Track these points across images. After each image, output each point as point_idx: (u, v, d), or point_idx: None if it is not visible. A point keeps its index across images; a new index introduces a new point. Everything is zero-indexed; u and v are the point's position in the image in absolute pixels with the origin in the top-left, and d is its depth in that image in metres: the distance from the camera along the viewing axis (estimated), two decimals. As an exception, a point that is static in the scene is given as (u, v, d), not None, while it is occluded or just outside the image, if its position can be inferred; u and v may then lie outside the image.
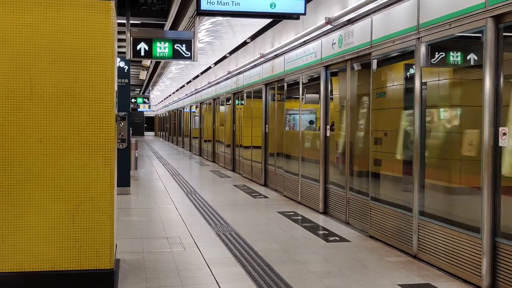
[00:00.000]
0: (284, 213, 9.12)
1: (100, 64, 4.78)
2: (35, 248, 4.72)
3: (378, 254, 6.36)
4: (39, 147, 4.69)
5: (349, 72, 8.18)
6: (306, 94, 10.13)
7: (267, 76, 12.64)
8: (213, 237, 7.21)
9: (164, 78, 27.90)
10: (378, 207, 7.03)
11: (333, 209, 8.78)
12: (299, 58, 10.18)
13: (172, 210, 9.46)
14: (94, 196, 4.78)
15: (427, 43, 6.02)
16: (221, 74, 18.49)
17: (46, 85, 4.70)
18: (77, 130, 4.75)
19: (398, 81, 7.07)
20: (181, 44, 9.23)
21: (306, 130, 10.23)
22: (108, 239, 4.83)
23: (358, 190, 7.99)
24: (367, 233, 7.37)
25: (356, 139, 8.17)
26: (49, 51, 4.70)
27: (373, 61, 7.18)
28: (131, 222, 8.21)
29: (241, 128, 15.77)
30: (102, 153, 4.79)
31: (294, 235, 7.44)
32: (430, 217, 5.97)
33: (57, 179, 4.72)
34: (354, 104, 8.20)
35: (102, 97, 4.79)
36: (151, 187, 12.84)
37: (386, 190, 7.13)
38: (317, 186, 9.27)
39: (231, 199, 11.14)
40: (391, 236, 6.70)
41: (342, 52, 8.21)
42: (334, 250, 6.57)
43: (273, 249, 6.59)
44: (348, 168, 8.22)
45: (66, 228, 4.76)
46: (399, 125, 6.93)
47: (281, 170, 11.56)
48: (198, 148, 25.02)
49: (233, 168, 17.13)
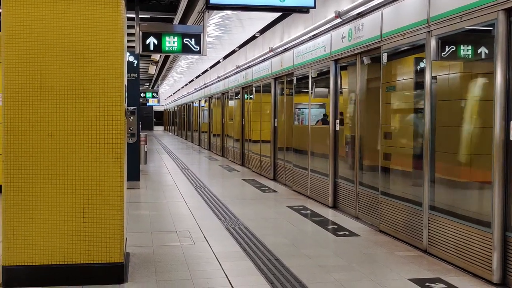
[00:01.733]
0: (293, 207, 9.12)
1: (109, 58, 4.79)
2: (46, 242, 4.75)
3: (388, 249, 6.34)
4: (50, 141, 4.72)
5: (359, 66, 8.14)
6: (315, 88, 10.10)
7: (276, 70, 12.62)
8: (222, 231, 7.23)
9: (173, 72, 27.92)
10: (388, 202, 7.02)
11: (343, 204, 8.77)
12: (308, 52, 10.15)
13: (181, 204, 9.49)
14: (104, 190, 4.80)
15: (437, 37, 5.98)
16: (230, 68, 18.48)
17: (56, 79, 4.71)
18: (87, 124, 4.77)
19: (408, 75, 7.03)
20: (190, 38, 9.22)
21: (315, 125, 10.21)
22: (118, 232, 4.85)
23: (367, 185, 7.97)
24: (376, 228, 7.36)
25: (366, 133, 8.14)
26: (59, 46, 4.72)
27: (383, 54, 7.15)
28: (141, 216, 8.24)
29: (250, 122, 15.77)
30: (112, 147, 4.81)
31: (304, 229, 7.43)
32: (440, 212, 5.94)
33: (67, 173, 4.74)
34: (363, 98, 8.17)
35: (111, 91, 4.80)
36: (160, 181, 12.87)
37: (396, 185, 7.11)
38: (327, 180, 9.26)
39: (240, 193, 11.14)
40: (401, 231, 6.68)
41: (351, 46, 8.18)
42: (344, 245, 6.56)
43: (282, 243, 6.59)
44: (358, 162, 8.20)
45: (77, 222, 4.78)
46: (409, 119, 6.90)
47: (290, 164, 11.55)
48: (207, 143, 25.04)
49: (242, 163, 17.14)
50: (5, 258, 4.74)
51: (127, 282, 4.96)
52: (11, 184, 4.69)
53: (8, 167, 4.68)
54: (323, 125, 9.80)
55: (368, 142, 8.13)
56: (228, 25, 13.39)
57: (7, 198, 4.70)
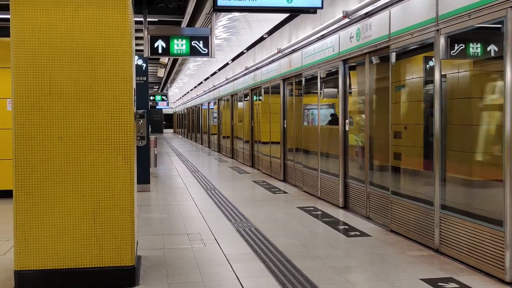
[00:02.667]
0: (303, 208, 9.10)
1: (118, 62, 4.81)
2: (57, 246, 4.77)
3: (399, 249, 6.32)
4: (59, 146, 4.74)
5: (368, 65, 8.12)
6: (324, 88, 10.08)
7: (284, 71, 12.61)
8: (233, 233, 7.23)
9: (182, 75, 27.98)
10: (399, 201, 6.99)
11: (353, 204, 8.75)
12: (316, 52, 10.14)
13: (192, 206, 9.50)
14: (115, 194, 4.81)
15: (446, 35, 5.95)
16: (239, 70, 18.49)
17: (65, 84, 4.73)
18: (97, 128, 4.78)
19: (417, 74, 7.00)
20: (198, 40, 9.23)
21: (324, 125, 10.19)
22: (129, 236, 4.86)
23: (378, 184, 7.94)
24: (388, 228, 7.33)
25: (376, 133, 8.11)
26: (68, 50, 4.74)
27: (392, 54, 7.13)
28: (152, 219, 8.26)
29: (260, 124, 15.77)
30: (121, 151, 4.82)
31: (314, 230, 7.42)
32: (451, 211, 5.91)
33: (77, 177, 4.76)
34: (373, 97, 8.14)
35: (120, 95, 4.81)
36: (170, 184, 12.89)
37: (407, 184, 7.08)
38: (337, 180, 9.23)
39: (250, 195, 11.14)
40: (412, 230, 6.65)
41: (360, 45, 8.16)
42: (355, 245, 6.54)
43: (293, 244, 6.58)
44: (368, 162, 8.17)
45: (88, 225, 4.80)
46: (419, 118, 6.87)
47: (300, 165, 11.54)
48: (217, 145, 25.07)
49: (252, 164, 17.14)
50: (17, 262, 4.77)
51: (139, 285, 4.97)
52: (22, 189, 4.71)
53: (18, 172, 4.70)
54: (333, 125, 9.78)
55: (378, 141, 8.11)
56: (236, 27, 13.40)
57: (18, 203, 4.72)
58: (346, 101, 9.10)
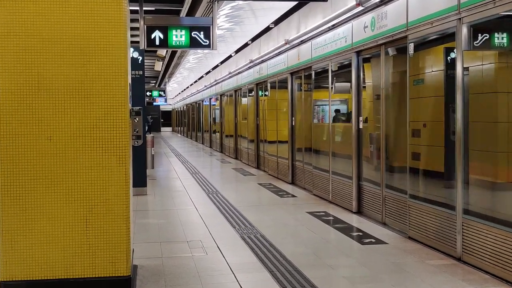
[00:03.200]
0: (313, 213, 9.10)
1: (112, 55, 4.81)
2: (47, 255, 4.78)
3: (418, 257, 6.31)
4: (49, 146, 4.75)
5: (383, 57, 8.11)
6: (336, 83, 10.07)
7: (292, 64, 12.61)
8: (237, 240, 7.23)
9: (181, 68, 28.03)
10: (418, 206, 6.98)
11: (368, 209, 8.74)
12: (327, 43, 10.13)
13: (192, 211, 9.50)
14: (109, 198, 4.83)
15: (469, 24, 5.93)
16: (243, 63, 18.50)
17: (55, 79, 4.74)
18: (89, 126, 4.79)
19: (437, 66, 6.99)
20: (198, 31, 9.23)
21: (336, 122, 10.19)
22: (124, 243, 4.87)
23: (395, 187, 7.93)
24: (405, 234, 7.32)
25: (392, 131, 8.10)
26: (58, 43, 4.75)
27: (410, 45, 7.12)
28: (149, 225, 8.27)
29: (265, 121, 15.77)
30: (116, 151, 4.83)
31: (326, 237, 7.41)
32: (475, 216, 5.89)
33: (68, 180, 4.77)
34: (389, 92, 8.13)
35: (115, 90, 4.82)
36: (169, 187, 12.91)
37: (426, 187, 7.07)
38: (350, 183, 9.23)
39: (255, 199, 11.14)
40: (433, 237, 6.64)
41: (375, 36, 8.15)
42: (370, 253, 6.54)
43: (302, 252, 6.58)
44: (384, 163, 8.16)
45: (79, 232, 4.81)
46: (439, 115, 6.85)
47: (309, 166, 11.54)
48: (219, 144, 25.09)
49: (257, 165, 17.14)
50: (3, 272, 4.78)
51: (135, 297, 4.99)
52: (8, 193, 4.73)
53: (4, 174, 4.72)
54: (345, 123, 9.77)
55: (395, 140, 8.10)
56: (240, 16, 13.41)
57: (4, 208, 4.74)
58: (360, 97, 9.09)
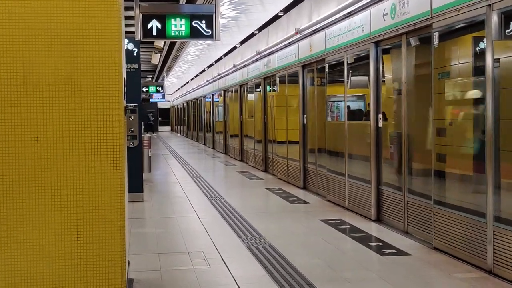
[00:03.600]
0: (328, 221, 9.09)
1: (104, 46, 4.80)
2: (32, 268, 4.77)
3: (444, 270, 6.28)
4: (35, 147, 4.74)
5: (405, 48, 8.09)
6: (352, 76, 10.05)
7: (304, 56, 12.60)
8: (243, 251, 7.22)
9: (181, 61, 28.05)
10: (444, 213, 6.95)
11: (388, 216, 8.71)
12: (343, 33, 10.11)
13: (193, 219, 9.50)
14: (101, 205, 4.81)
15: (500, 11, 5.91)
16: (249, 55, 18.50)
17: (41, 72, 4.73)
18: (79, 126, 4.78)
19: (465, 58, 6.96)
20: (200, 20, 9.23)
21: (353, 121, 10.16)
22: (119, 255, 4.86)
23: (418, 192, 7.90)
24: (430, 244, 7.30)
25: (415, 130, 8.07)
26: (45, 32, 4.74)
27: (434, 34, 7.09)
28: (146, 235, 8.27)
29: (274, 119, 15.76)
30: (109, 153, 4.82)
31: (341, 248, 7.40)
32: (508, 224, 5.86)
33: (56, 185, 4.76)
34: (411, 87, 8.10)
35: (107, 85, 4.80)
36: (168, 193, 12.91)
37: (453, 192, 7.04)
38: (368, 188, 9.20)
39: (263, 205, 11.13)
40: (460, 248, 6.61)
41: (395, 24, 8.13)
42: (391, 266, 6.52)
43: (316, 264, 6.56)
44: (406, 166, 8.13)
45: (69, 243, 4.79)
46: (467, 112, 6.82)
47: (323, 169, 11.51)
48: (223, 145, 25.11)
49: (265, 168, 17.14)
50: (-15, 287, 4.78)
51: (130, 314, 4.98)
52: (-10, 199, 4.73)
53: (-14, 179, 4.71)
54: (363, 121, 9.75)
55: (418, 140, 8.06)
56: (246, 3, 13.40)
57: (-14, 216, 4.74)
58: (378, 92, 9.07)
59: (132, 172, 10.21)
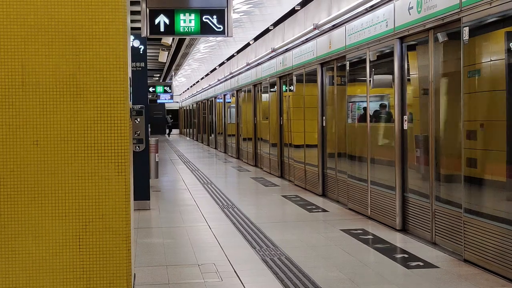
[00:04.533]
0: (349, 231, 9.07)
1: (109, 43, 4.82)
2: (32, 280, 4.79)
3: (476, 284, 6.25)
4: (35, 152, 4.76)
5: (432, 44, 8.06)
6: (374, 75, 10.03)
7: (323, 53, 12.59)
8: (257, 264, 7.22)
9: (190, 60, 28.12)
10: (475, 222, 6.91)
11: (414, 225, 8.68)
12: (365, 28, 10.10)
13: (204, 229, 9.51)
14: (106, 213, 4.83)
15: (536, 3, 5.88)
16: (263, 52, 18.52)
17: (42, 72, 4.76)
18: (82, 129, 4.80)
19: (497, 54, 6.93)
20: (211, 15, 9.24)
21: (376, 123, 10.14)
22: (124, 267, 4.87)
23: (447, 200, 7.87)
24: (460, 256, 7.26)
25: (443, 133, 8.04)
26: (45, 30, 4.76)
27: (464, 29, 7.06)
28: (153, 245, 8.29)
29: (290, 121, 15.75)
30: (114, 158, 4.83)
31: (364, 260, 7.38)
32: (545, 234, 5.83)
33: (58, 192, 4.78)
34: (439, 86, 8.07)
35: (112, 86, 4.82)
36: (176, 200, 12.93)
37: (486, 199, 7.00)
38: (393, 195, 9.17)
39: (279, 214, 11.12)
40: (493, 260, 6.58)
41: (421, 19, 8.10)
42: (417, 279, 6.49)
43: (336, 278, 6.55)
44: (433, 171, 8.10)
45: (71, 254, 4.81)
46: (500, 113, 6.78)
47: (344, 175, 11.49)
48: (235, 149, 25.12)
49: (281, 174, 17.13)
50: (-18, 301, 4.81)
51: (137, 331, 4.99)
52: (-13, 207, 4.75)
53: (-17, 186, 4.74)
54: (387, 123, 9.72)
55: (447, 144, 8.03)
56: (260, -3, 13.41)
57: (-17, 225, 4.76)
58: (404, 91, 9.04)
59: (138, 178, 10.24)
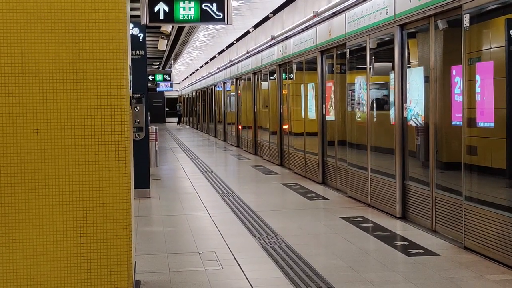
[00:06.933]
0: (349, 219, 9.08)
1: (108, 32, 4.80)
2: (33, 269, 4.79)
3: (476, 271, 6.26)
4: (35, 140, 4.75)
5: (432, 32, 8.04)
6: (374, 63, 10.01)
7: (323, 41, 12.56)
8: (258, 252, 7.23)
9: (190, 48, 28.04)
10: (475, 209, 6.91)
11: (415, 213, 8.68)
12: (365, 16, 10.07)
13: (204, 217, 9.52)
14: (106, 201, 4.83)
15: (537, -10, 5.86)
16: (263, 40, 18.47)
17: (41, 60, 4.75)
18: (82, 117, 4.79)
19: (497, 42, 6.91)
20: (210, 3, 9.21)
21: (376, 111, 10.13)
22: (125, 255, 4.87)
23: (447, 188, 7.87)
24: (460, 244, 7.27)
25: (443, 121, 8.03)
26: (44, 17, 4.75)
27: (465, 16, 7.04)
28: (153, 234, 8.30)
29: (290, 110, 15.74)
30: (114, 146, 4.83)
31: (364, 248, 7.39)
32: (545, 222, 5.84)
33: (58, 181, 4.78)
34: (439, 74, 8.06)
35: (112, 74, 4.81)
36: (176, 188, 12.94)
37: (486, 187, 7.00)
38: (393, 183, 9.18)
39: (280, 202, 11.13)
40: (494, 247, 6.58)
41: (422, 5, 8.08)
42: (418, 267, 6.50)
43: (336, 266, 6.56)
44: (434, 159, 8.10)
45: (72, 242, 4.82)
46: (501, 100, 6.78)
47: (344, 163, 11.49)
48: (235, 137, 25.12)
49: (280, 162, 17.13)
50: (-17, 290, 4.82)
51: (138, 319, 5.00)
52: (-12, 196, 4.75)
53: (-17, 174, 4.74)
54: (387, 111, 9.72)
55: (447, 131, 8.02)
56: (259, -16, 13.36)
57: (-17, 214, 4.76)
58: (404, 79, 9.03)
59: (139, 166, 10.24)
